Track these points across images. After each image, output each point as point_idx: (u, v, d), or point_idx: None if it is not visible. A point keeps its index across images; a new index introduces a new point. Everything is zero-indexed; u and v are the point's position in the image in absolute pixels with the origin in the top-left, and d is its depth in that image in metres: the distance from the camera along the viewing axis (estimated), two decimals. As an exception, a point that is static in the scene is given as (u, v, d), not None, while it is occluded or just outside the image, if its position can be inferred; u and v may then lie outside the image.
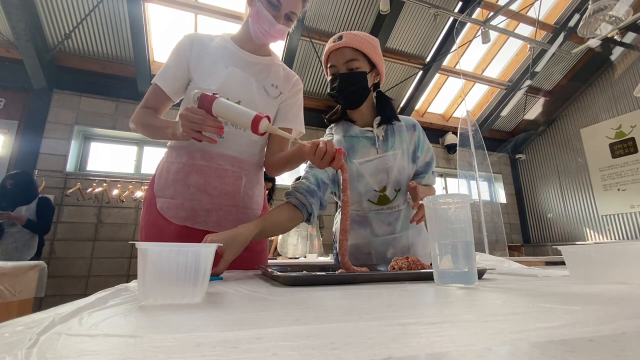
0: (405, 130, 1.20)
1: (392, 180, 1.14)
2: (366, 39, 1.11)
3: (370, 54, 1.11)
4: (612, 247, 0.61)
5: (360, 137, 1.16)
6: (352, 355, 0.21)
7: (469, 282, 0.57)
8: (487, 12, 4.31)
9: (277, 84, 1.12)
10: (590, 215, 5.65)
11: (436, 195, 0.64)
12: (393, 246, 1.19)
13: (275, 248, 3.27)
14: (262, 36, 1.02)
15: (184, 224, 1.01)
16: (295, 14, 1.02)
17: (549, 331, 0.26)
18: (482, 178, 4.19)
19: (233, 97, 1.02)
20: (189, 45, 1.05)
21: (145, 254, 0.43)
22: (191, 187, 1.02)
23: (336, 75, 1.09)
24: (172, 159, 1.06)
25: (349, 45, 1.07)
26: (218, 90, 1.01)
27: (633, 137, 5.18)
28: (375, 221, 1.17)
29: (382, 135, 1.16)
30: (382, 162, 1.13)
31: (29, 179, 3.01)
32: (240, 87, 1.04)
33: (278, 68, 1.15)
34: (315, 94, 5.03)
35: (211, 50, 1.06)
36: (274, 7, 0.98)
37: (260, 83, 1.08)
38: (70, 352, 0.22)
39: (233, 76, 1.04)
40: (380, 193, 1.15)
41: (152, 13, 3.91)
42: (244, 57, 1.08)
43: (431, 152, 1.24)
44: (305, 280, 0.63)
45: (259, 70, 1.09)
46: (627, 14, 2.23)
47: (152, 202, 1.04)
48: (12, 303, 2.08)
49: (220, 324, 0.31)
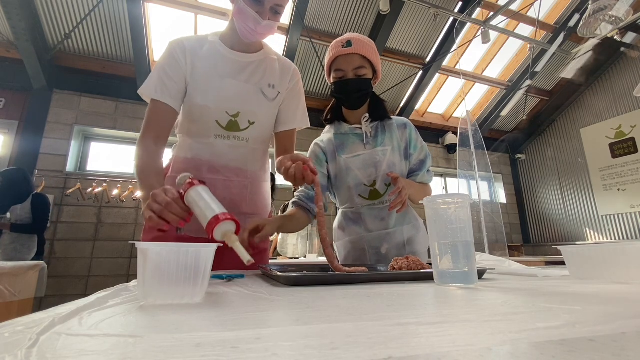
0: (396, 128, 1.24)
1: (382, 174, 1.17)
2: (372, 46, 1.17)
3: (374, 61, 1.17)
4: (612, 247, 0.61)
5: (350, 134, 1.22)
6: (352, 355, 0.21)
7: (469, 282, 0.57)
8: (487, 12, 4.31)
9: (274, 82, 1.08)
10: (590, 215, 5.65)
11: (436, 195, 0.64)
12: (387, 241, 1.20)
13: (275, 248, 3.27)
14: (249, 35, 0.97)
15: (197, 235, 1.01)
16: (282, 6, 0.96)
17: (549, 331, 0.26)
18: (482, 178, 4.19)
19: (231, 110, 1.00)
20: (182, 53, 0.99)
21: (145, 254, 0.43)
22: None
23: (343, 79, 1.15)
24: (177, 172, 1.03)
25: (357, 52, 1.12)
26: (215, 106, 0.98)
27: (633, 137, 5.18)
28: (369, 217, 1.20)
29: (371, 132, 1.22)
30: (371, 157, 1.18)
31: (19, 176, 2.86)
32: (237, 99, 1.01)
33: (273, 63, 1.10)
34: (315, 94, 5.03)
35: (203, 58, 1.00)
36: (256, 3, 0.92)
37: (257, 86, 1.05)
38: (70, 352, 0.22)
39: (229, 89, 1.00)
40: (371, 188, 1.18)
41: (152, 13, 3.92)
42: (237, 58, 1.03)
43: (425, 151, 1.26)
44: (305, 280, 0.63)
45: (253, 71, 1.05)
46: (627, 14, 2.23)
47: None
48: (12, 303, 2.08)
49: (220, 324, 0.31)
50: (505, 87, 5.68)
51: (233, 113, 1.01)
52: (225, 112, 1.00)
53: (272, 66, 1.09)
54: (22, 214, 2.75)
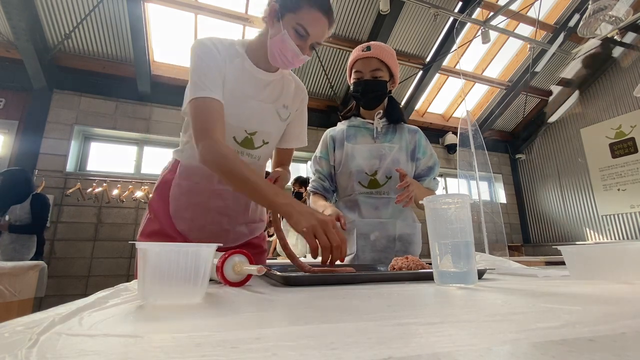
0: (407, 132, 1.31)
1: (385, 167, 1.23)
2: (390, 51, 1.26)
3: (392, 66, 1.25)
4: (612, 247, 0.61)
5: (362, 127, 1.32)
6: (352, 355, 0.21)
7: (469, 282, 0.57)
8: (487, 12, 4.31)
9: (288, 103, 1.08)
10: (590, 215, 5.65)
11: (436, 195, 0.64)
12: (378, 230, 1.23)
13: (275, 248, 3.27)
14: (282, 64, 0.95)
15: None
16: (320, 44, 0.97)
17: (549, 331, 0.26)
18: (482, 178, 4.19)
19: (250, 129, 1.00)
20: (219, 53, 0.94)
21: (145, 254, 0.43)
22: (212, 211, 1.01)
23: (361, 80, 1.24)
24: (185, 180, 1.01)
25: (375, 56, 1.22)
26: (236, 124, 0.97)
27: (633, 137, 5.18)
28: (364, 204, 1.26)
29: (381, 128, 1.29)
30: (377, 149, 1.26)
31: (19, 176, 2.85)
32: (257, 119, 1.01)
33: (289, 83, 1.09)
34: (315, 94, 5.03)
35: (232, 71, 0.96)
36: (300, 37, 0.91)
37: (273, 107, 1.04)
38: (70, 352, 0.22)
39: (252, 109, 0.99)
40: (371, 177, 1.25)
41: (152, 13, 3.92)
42: (260, 76, 1.01)
43: (434, 159, 1.32)
44: (305, 280, 0.63)
45: (271, 91, 1.04)
46: (627, 14, 2.23)
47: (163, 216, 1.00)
48: (12, 303, 2.08)
49: (220, 324, 0.31)
50: (505, 87, 5.68)
51: (251, 131, 1.01)
52: (245, 129, 1.00)
53: (288, 86, 1.08)
54: (22, 214, 2.73)
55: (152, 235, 0.99)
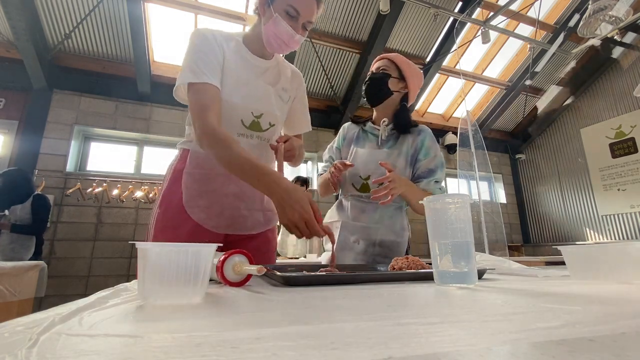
0: (411, 135, 1.31)
1: (379, 173, 1.22)
2: (405, 59, 1.31)
3: (403, 67, 1.30)
4: (612, 247, 0.61)
5: (369, 132, 1.37)
6: (352, 355, 0.21)
7: (469, 282, 0.57)
8: (487, 12, 4.31)
9: (287, 87, 1.11)
10: (590, 215, 5.65)
11: (436, 195, 0.64)
12: (360, 233, 1.24)
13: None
14: (278, 48, 0.98)
15: (225, 232, 1.02)
16: (312, 23, 1.00)
17: (549, 331, 0.26)
18: (482, 178, 4.19)
19: (256, 111, 1.01)
20: (214, 39, 0.96)
21: (145, 254, 0.43)
22: (229, 196, 1.02)
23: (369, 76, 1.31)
24: (196, 168, 1.01)
25: (387, 58, 1.32)
26: (242, 104, 0.98)
27: (633, 137, 5.18)
28: (352, 207, 1.29)
29: (387, 135, 1.32)
30: (375, 155, 1.27)
31: (19, 176, 2.85)
32: (262, 100, 1.02)
33: (285, 69, 1.13)
34: (315, 94, 5.02)
35: (231, 53, 1.00)
36: (292, 18, 0.95)
37: (275, 89, 1.07)
38: (70, 352, 0.22)
39: (257, 89, 1.01)
40: (364, 181, 1.26)
41: (152, 13, 3.91)
42: (257, 64, 1.05)
43: (437, 162, 1.26)
44: (305, 280, 0.63)
45: (270, 77, 1.07)
46: (627, 14, 2.23)
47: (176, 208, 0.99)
48: (12, 303, 2.08)
49: (220, 324, 0.31)
50: (505, 87, 5.68)
51: (257, 114, 1.02)
52: (251, 112, 1.01)
53: (285, 72, 1.12)
54: (22, 215, 2.74)
55: (165, 230, 0.98)
